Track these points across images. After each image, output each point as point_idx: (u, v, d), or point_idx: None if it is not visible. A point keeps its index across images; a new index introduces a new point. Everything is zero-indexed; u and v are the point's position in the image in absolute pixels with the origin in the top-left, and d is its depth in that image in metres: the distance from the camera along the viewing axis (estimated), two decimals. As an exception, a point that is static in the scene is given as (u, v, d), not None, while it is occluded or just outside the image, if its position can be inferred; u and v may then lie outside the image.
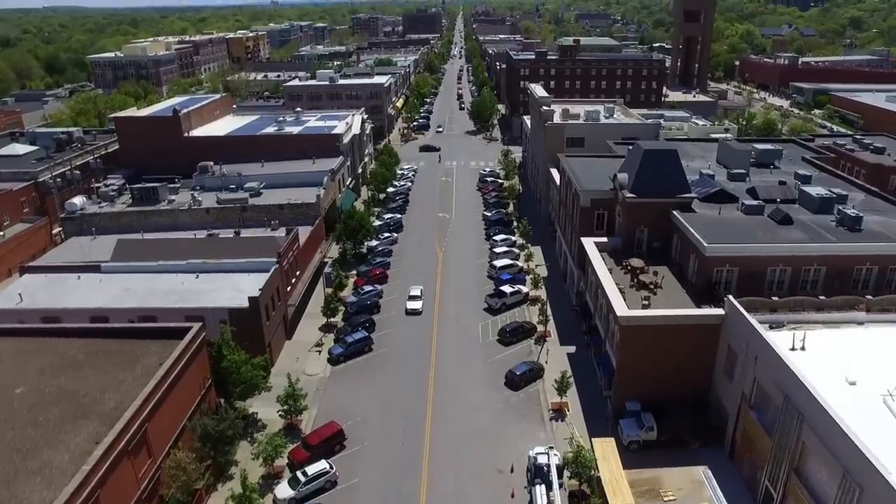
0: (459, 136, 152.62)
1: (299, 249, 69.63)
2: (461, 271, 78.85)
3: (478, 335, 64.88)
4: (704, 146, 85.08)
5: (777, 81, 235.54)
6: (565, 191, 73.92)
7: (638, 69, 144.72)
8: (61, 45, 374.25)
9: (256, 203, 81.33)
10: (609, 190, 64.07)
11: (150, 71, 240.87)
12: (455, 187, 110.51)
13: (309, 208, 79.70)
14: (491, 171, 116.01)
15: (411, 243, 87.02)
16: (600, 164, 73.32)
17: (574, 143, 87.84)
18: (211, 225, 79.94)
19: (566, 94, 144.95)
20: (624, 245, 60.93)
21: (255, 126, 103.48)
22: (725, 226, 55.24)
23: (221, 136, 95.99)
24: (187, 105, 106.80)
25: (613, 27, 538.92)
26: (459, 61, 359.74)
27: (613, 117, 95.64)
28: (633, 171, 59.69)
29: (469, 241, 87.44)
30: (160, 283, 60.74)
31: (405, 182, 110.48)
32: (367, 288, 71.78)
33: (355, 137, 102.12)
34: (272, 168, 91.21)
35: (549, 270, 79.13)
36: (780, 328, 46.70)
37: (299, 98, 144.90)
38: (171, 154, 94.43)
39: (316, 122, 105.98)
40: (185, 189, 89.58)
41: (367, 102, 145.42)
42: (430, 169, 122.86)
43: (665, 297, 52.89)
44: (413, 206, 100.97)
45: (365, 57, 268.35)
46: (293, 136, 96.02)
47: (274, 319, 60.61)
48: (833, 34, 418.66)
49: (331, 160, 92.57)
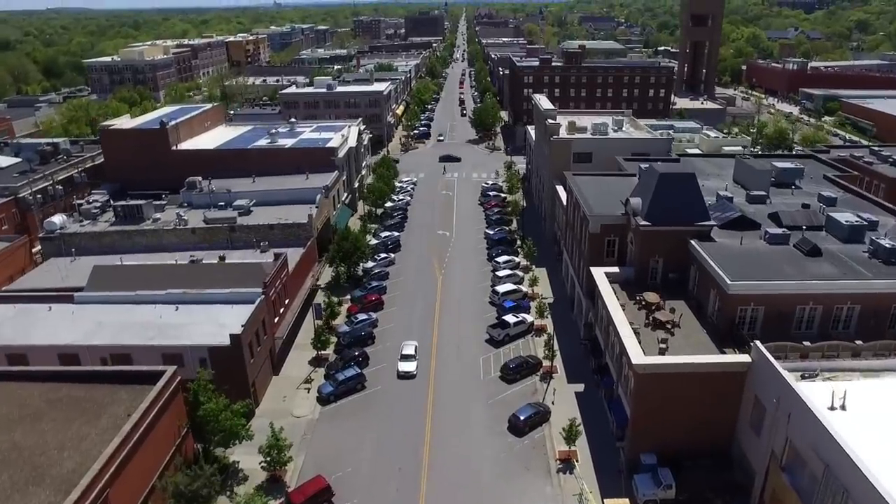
0: (461, 144, 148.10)
1: (288, 276, 65.20)
2: (462, 296, 74.36)
3: (479, 370, 60.38)
4: (719, 163, 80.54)
5: (785, 87, 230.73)
6: (573, 213, 69.40)
7: (646, 77, 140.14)
8: (60, 49, 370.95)
9: (245, 223, 76.96)
10: (621, 215, 59.55)
11: (147, 76, 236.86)
12: (456, 202, 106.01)
13: (300, 229, 75.30)
14: (493, 185, 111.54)
15: (409, 265, 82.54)
16: (610, 185, 68.82)
17: (581, 159, 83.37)
18: (197, 246, 75.72)
19: (571, 103, 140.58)
20: (637, 276, 56.44)
21: (247, 138, 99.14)
22: (749, 258, 50.66)
23: (211, 150, 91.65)
24: (177, 115, 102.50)
25: (617, 30, 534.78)
26: (462, 64, 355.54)
27: (622, 130, 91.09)
28: (648, 196, 55.16)
29: (470, 263, 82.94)
30: (137, 316, 56.37)
31: (404, 196, 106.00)
32: (362, 316, 67.30)
33: (351, 150, 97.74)
34: (263, 184, 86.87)
35: (555, 294, 74.58)
36: (813, 378, 42.16)
37: (296, 106, 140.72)
38: (159, 168, 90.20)
39: (310, 134, 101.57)
40: (173, 205, 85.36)
41: (365, 111, 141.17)
42: (429, 181, 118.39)
43: (683, 339, 48.33)
44: (412, 223, 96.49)
45: (366, 61, 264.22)
46: (286, 149, 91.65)
47: (259, 356, 56.19)
48: (839, 37, 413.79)
49: (325, 175, 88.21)
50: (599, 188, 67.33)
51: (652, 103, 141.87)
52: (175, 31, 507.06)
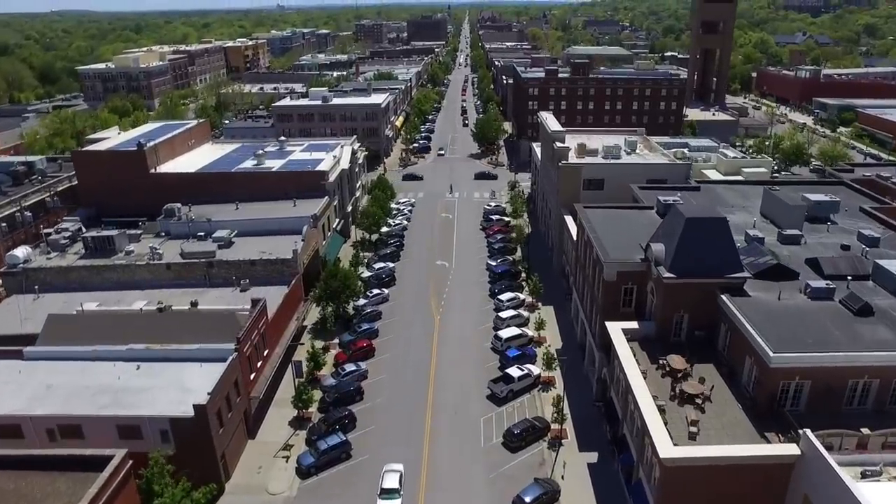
0: (462, 159, 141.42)
1: (267, 324, 58.61)
2: (461, 341, 67.65)
3: (479, 435, 53.68)
4: (743, 191, 73.72)
5: (798, 96, 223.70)
6: (584, 252, 62.68)
7: (657, 89, 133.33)
8: (59, 53, 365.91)
9: (225, 257, 70.50)
10: (640, 261, 52.81)
11: (142, 83, 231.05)
12: (456, 226, 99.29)
13: (284, 265, 68.76)
14: (496, 207, 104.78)
15: (405, 302, 75.83)
16: (626, 220, 62.14)
17: (592, 186, 76.69)
18: (173, 283, 69.34)
19: (579, 116, 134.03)
20: (658, 332, 49.70)
21: (233, 159, 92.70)
22: (790, 320, 43.85)
23: (192, 173, 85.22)
24: (160, 133, 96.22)
25: (622, 34, 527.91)
26: (465, 70, 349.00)
27: (636, 153, 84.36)
28: (673, 243, 48.43)
29: (471, 300, 76.22)
30: (92, 377, 49.84)
31: (400, 220, 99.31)
32: (350, 367, 60.68)
33: (344, 172, 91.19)
34: (247, 211, 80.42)
35: (564, 339, 67.88)
36: (877, 477, 35.44)
37: (290, 119, 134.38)
38: (136, 193, 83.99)
39: (301, 154, 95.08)
40: (150, 234, 79.05)
41: (362, 124, 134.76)
42: (428, 201, 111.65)
43: (716, 417, 41.57)
44: (408, 251, 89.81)
45: (366, 68, 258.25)
46: (272, 173, 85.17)
47: (231, 421, 49.59)
48: (848, 42, 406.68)
49: (314, 202, 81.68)
50: (614, 225, 60.63)
51: (663, 116, 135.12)
52: (176, 35, 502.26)
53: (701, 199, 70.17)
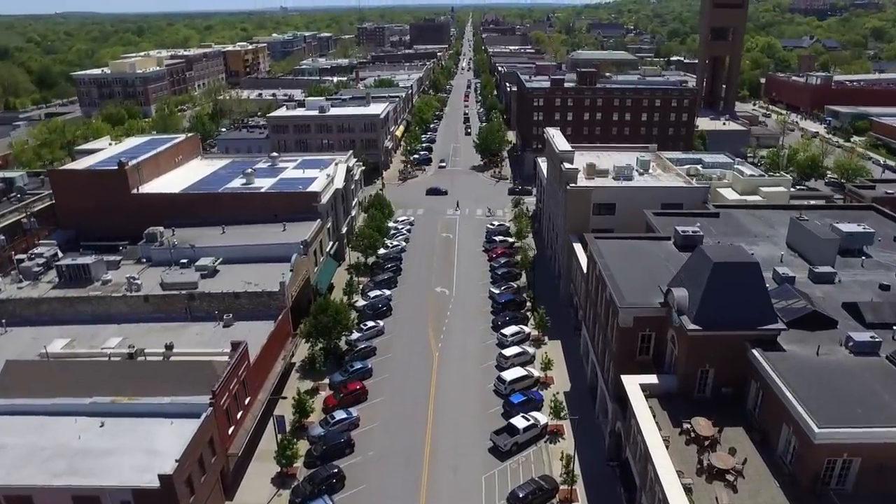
0: (464, 172, 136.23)
1: (249, 369, 53.56)
2: (461, 383, 62.44)
3: (481, 496, 48.48)
4: (766, 217, 68.45)
5: (809, 104, 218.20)
6: (595, 288, 57.49)
7: (667, 99, 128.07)
8: (58, 57, 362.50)
9: (208, 289, 65.46)
10: (659, 305, 47.60)
11: (138, 89, 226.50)
12: (457, 248, 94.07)
13: (271, 298, 63.73)
14: (499, 226, 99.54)
15: (401, 337, 70.61)
16: (641, 253, 56.98)
17: (603, 210, 71.56)
18: (151, 316, 64.45)
19: (585, 127, 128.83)
20: (680, 387, 44.52)
21: (221, 177, 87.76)
22: (833, 381, 38.63)
23: (176, 194, 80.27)
24: (146, 149, 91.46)
25: (627, 38, 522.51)
26: (467, 74, 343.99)
27: (649, 173, 79.17)
28: (698, 290, 43.22)
29: (472, 334, 70.99)
30: (50, 435, 44.77)
31: (398, 241, 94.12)
32: (340, 415, 55.57)
33: (338, 192, 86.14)
34: (234, 235, 75.40)
35: (573, 380, 62.69)
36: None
37: (285, 130, 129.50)
38: (117, 214, 79.26)
39: (293, 172, 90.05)
40: (130, 260, 74.19)
41: (360, 135, 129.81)
42: (429, 219, 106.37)
43: (750, 498, 36.32)
44: (406, 277, 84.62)
45: (367, 73, 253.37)
46: (261, 194, 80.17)
47: (204, 486, 44.47)
48: (855, 46, 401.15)
49: (306, 225, 76.66)
50: (628, 260, 55.44)
51: (674, 128, 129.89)
52: (178, 37, 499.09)
53: (720, 227, 65.14)
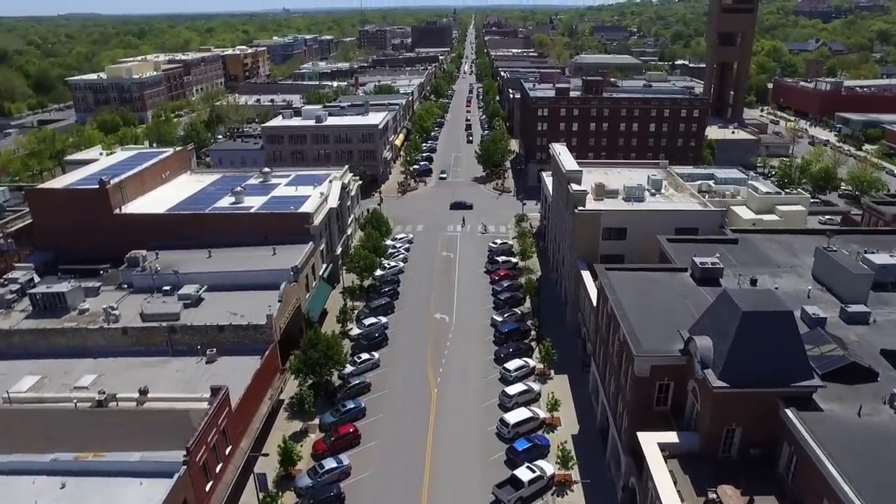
0: (466, 184, 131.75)
1: (231, 415, 49.20)
2: (461, 424, 57.90)
3: (482, 562, 44.13)
4: (787, 243, 63.92)
5: (818, 110, 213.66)
6: (607, 327, 53.03)
7: (676, 109, 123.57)
8: (56, 61, 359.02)
9: (191, 320, 61.16)
10: (679, 353, 43.16)
11: (134, 94, 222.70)
12: (458, 268, 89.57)
13: (258, 332, 59.41)
14: (502, 245, 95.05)
15: (398, 370, 66.13)
16: (657, 288, 52.52)
17: (613, 236, 67.10)
18: (130, 350, 60.15)
19: (592, 138, 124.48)
20: (703, 447, 40.02)
21: (209, 195, 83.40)
22: (880, 450, 34.18)
23: (160, 215, 75.95)
24: (132, 164, 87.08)
25: (630, 40, 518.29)
26: (469, 78, 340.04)
27: (661, 193, 74.67)
28: (724, 341, 38.76)
29: (473, 368, 66.48)
30: (2, 500, 40.48)
31: (396, 261, 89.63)
32: (330, 464, 51.14)
33: (333, 211, 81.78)
34: (221, 260, 71.04)
35: (582, 422, 58.21)
36: None
37: (280, 140, 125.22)
38: (98, 235, 74.88)
39: (285, 189, 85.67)
40: (110, 286, 69.93)
41: (358, 146, 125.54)
42: (429, 236, 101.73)
43: (792, 588, 31.93)
44: (404, 301, 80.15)
45: (367, 79, 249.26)
46: (251, 215, 75.78)
47: (174, 554, 40.13)
48: (861, 49, 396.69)
49: (297, 248, 72.29)
50: (643, 296, 50.99)
51: (683, 138, 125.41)
52: (178, 40, 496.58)
53: (739, 255, 60.66)
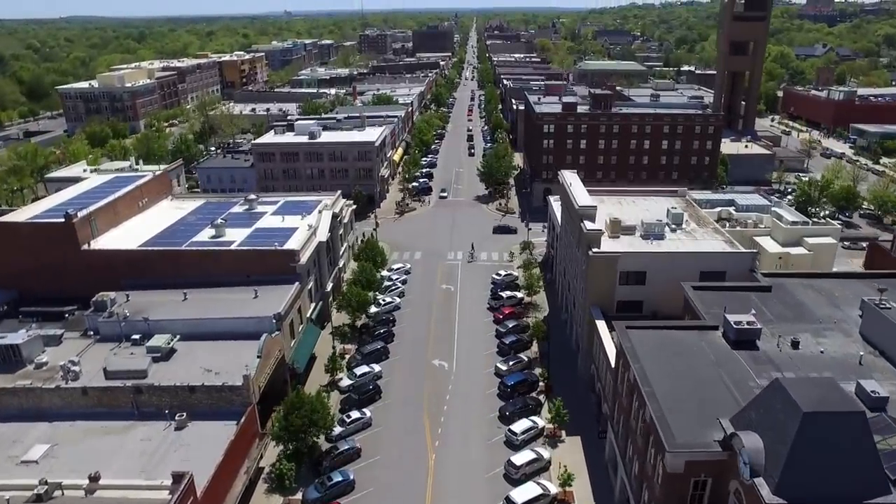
0: (467, 204, 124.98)
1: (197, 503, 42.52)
2: (463, 501, 51.22)
3: None
4: (827, 291, 57.09)
5: (831, 120, 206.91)
6: (629, 397, 46.26)
7: (690, 125, 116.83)
8: (51, 67, 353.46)
9: (161, 376, 54.63)
10: (719, 448, 36.44)
11: (126, 103, 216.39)
12: (459, 304, 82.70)
13: (234, 394, 52.79)
14: (506, 276, 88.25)
15: (392, 430, 59.19)
16: (687, 353, 45.83)
17: (631, 280, 60.40)
18: (91, 412, 53.64)
19: (601, 156, 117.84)
20: (754, 568, 33.33)
21: (188, 226, 76.72)
22: None
23: (133, 251, 69.31)
24: (106, 191, 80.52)
25: (634, 45, 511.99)
26: (471, 84, 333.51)
27: (682, 229, 67.90)
28: (780, 445, 32.06)
29: (476, 428, 59.57)
30: None
31: (392, 296, 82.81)
32: (310, 556, 44.51)
33: (322, 245, 75.10)
34: (197, 302, 64.39)
35: (597, 496, 51.43)
36: None
37: (271, 158, 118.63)
38: (65, 273, 68.53)
39: (271, 220, 78.96)
40: (75, 333, 63.39)
41: (353, 164, 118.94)
42: (427, 266, 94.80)
43: None
44: (400, 345, 73.25)
45: (365, 87, 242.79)
46: (231, 251, 69.02)
47: None
48: (868, 54, 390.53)
49: (282, 290, 65.58)
50: (670, 363, 44.31)
51: (697, 156, 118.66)
52: (177, 44, 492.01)
53: (775, 307, 53.90)
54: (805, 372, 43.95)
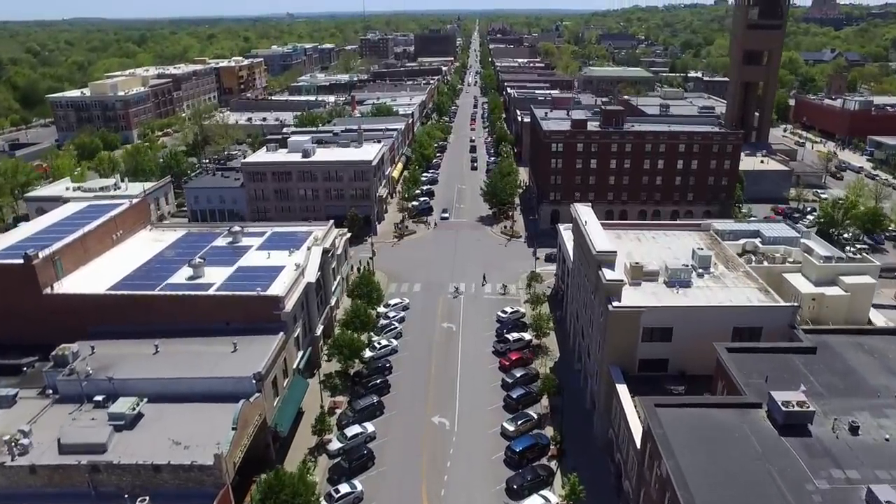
0: (470, 226, 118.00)
1: None
2: None
3: None
4: (879, 352, 50.21)
5: (846, 131, 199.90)
6: (660, 493, 39.39)
7: (707, 145, 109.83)
8: (47, 71, 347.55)
9: (123, 448, 48.03)
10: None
11: (119, 112, 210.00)
12: (461, 347, 75.75)
13: (204, 473, 46.13)
14: (513, 314, 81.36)
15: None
16: (726, 438, 39.07)
17: (655, 337, 53.60)
18: (41, 493, 47.16)
19: (612, 175, 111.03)
20: None
21: (165, 264, 69.98)
22: None
23: (100, 296, 62.59)
24: (80, 221, 73.93)
25: (639, 49, 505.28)
26: (474, 90, 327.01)
27: (710, 273, 61.06)
28: None
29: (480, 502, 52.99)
30: None
31: (388, 338, 75.85)
32: None
33: (310, 286, 68.32)
34: (169, 356, 57.64)
35: None
36: None
37: (262, 178, 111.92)
38: (25, 321, 61.81)
39: (255, 256, 72.19)
40: (32, 390, 56.89)
41: (349, 185, 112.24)
42: (426, 301, 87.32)
43: None
44: (395, 397, 66.25)
45: (366, 94, 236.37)
46: (208, 297, 62.22)
47: None
48: (876, 59, 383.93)
49: (264, 342, 58.85)
50: (708, 456, 37.53)
51: (714, 176, 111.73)
52: (177, 48, 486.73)
53: (823, 374, 47.04)
54: (871, 468, 37.20)
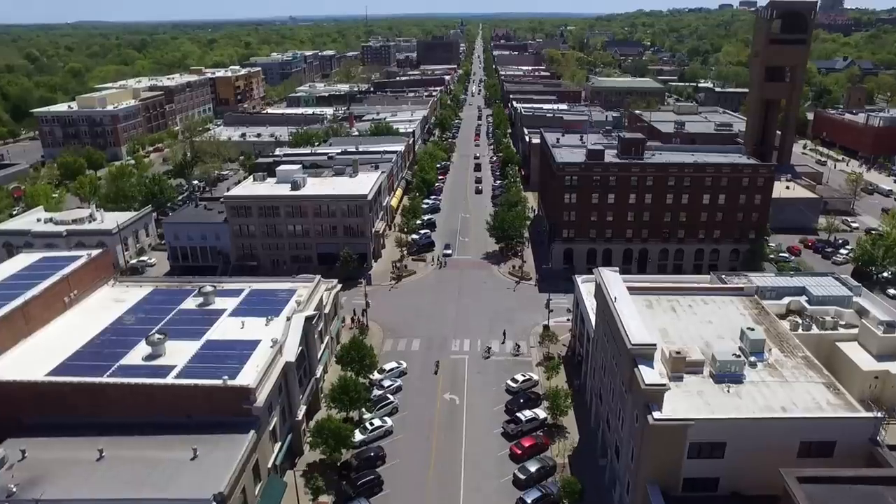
0: (475, 265, 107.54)
1: None
2: None
3: None
4: None
5: (870, 149, 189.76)
6: None
7: (736, 178, 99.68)
8: (42, 80, 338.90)
9: None
10: None
11: (107, 128, 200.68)
12: (465, 427, 65.36)
13: None
14: (525, 382, 71.38)
15: None
16: None
17: (704, 453, 43.55)
18: None
19: (631, 212, 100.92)
20: None
21: (120, 337, 60.13)
22: None
23: (39, 383, 52.81)
24: (29, 280, 64.31)
25: (646, 55, 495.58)
26: (478, 100, 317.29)
27: (765, 361, 50.88)
28: None
29: None
30: None
31: (382, 417, 65.64)
32: None
33: (290, 365, 58.41)
34: (116, 464, 47.84)
35: None
36: None
37: (247, 213, 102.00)
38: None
39: (227, 325, 62.24)
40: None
41: (343, 221, 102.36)
42: (426, 362, 76.74)
43: None
44: (389, 498, 56.38)
45: (365, 107, 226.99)
46: (165, 387, 52.34)
47: None
48: (889, 66, 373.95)
49: (231, 442, 49.10)
50: None
51: (743, 212, 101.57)
52: (178, 52, 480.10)
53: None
54: None
